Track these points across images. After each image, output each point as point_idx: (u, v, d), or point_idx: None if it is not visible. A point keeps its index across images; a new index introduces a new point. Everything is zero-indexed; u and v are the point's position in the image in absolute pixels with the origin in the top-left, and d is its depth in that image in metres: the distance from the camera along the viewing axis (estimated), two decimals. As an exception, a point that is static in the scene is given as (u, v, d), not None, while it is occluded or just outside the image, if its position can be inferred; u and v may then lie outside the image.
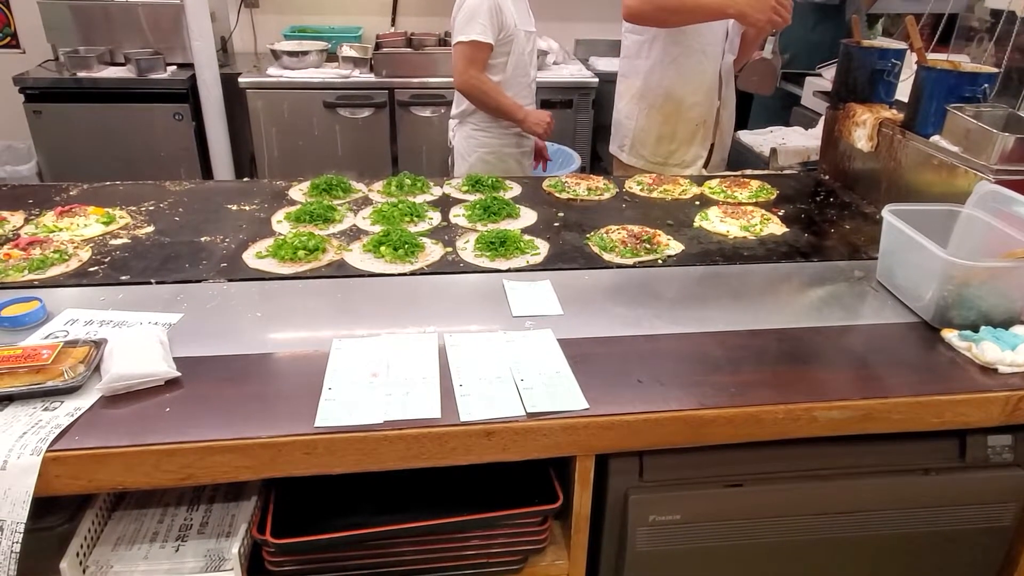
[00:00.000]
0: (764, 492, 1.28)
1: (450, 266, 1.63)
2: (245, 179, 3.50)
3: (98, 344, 1.21)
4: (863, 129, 2.08)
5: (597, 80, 3.84)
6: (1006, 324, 1.37)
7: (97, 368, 1.18)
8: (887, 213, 1.51)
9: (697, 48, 2.44)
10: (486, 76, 2.57)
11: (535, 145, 2.84)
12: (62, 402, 1.11)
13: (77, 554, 1.13)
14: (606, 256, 1.68)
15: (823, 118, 2.40)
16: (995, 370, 1.27)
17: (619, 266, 1.65)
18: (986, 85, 1.81)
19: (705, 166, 2.62)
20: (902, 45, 2.21)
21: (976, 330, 1.35)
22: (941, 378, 1.26)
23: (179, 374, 1.18)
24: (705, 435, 1.17)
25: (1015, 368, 1.27)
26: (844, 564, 1.37)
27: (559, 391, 1.17)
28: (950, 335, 1.36)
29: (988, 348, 1.29)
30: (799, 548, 1.33)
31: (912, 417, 1.22)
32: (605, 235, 1.77)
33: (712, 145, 2.63)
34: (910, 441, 1.29)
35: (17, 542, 1.00)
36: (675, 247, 1.74)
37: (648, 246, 1.71)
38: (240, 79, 3.58)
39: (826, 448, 1.27)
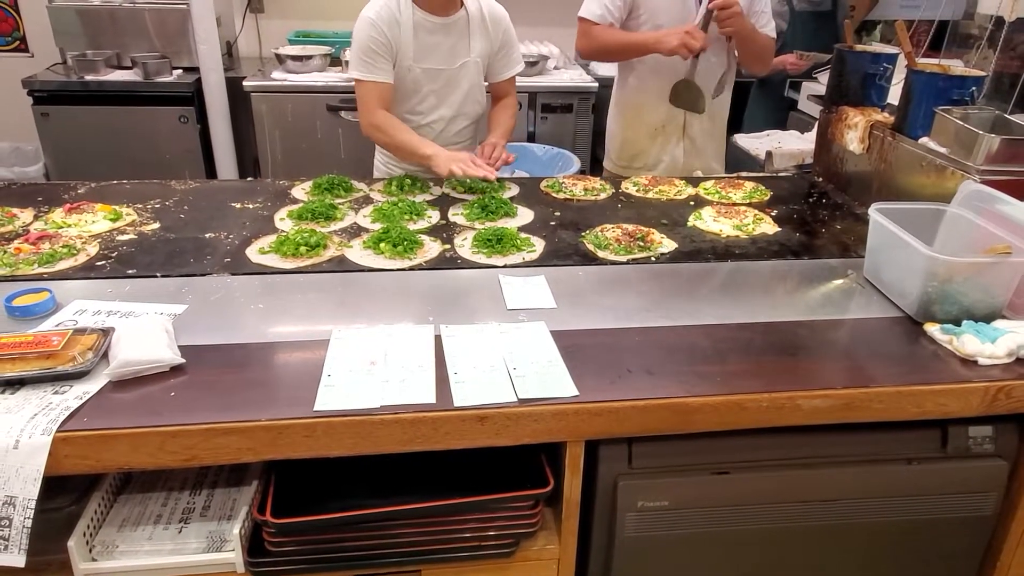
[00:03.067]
0: (750, 480, 1.31)
1: (447, 262, 1.68)
2: (249, 179, 3.55)
3: (106, 332, 1.26)
4: (855, 132, 2.12)
5: (597, 85, 3.88)
6: (987, 318, 1.41)
7: (105, 355, 1.22)
8: (874, 211, 1.55)
9: (648, 60, 2.48)
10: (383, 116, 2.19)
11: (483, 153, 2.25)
12: (71, 386, 1.16)
13: (84, 534, 1.17)
14: (600, 253, 1.72)
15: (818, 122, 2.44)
16: (975, 362, 1.31)
17: (613, 262, 1.69)
18: (974, 88, 1.85)
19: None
20: (894, 49, 2.25)
21: (958, 324, 1.39)
22: (922, 369, 1.30)
23: (184, 361, 1.23)
24: (691, 422, 1.21)
25: (994, 360, 1.31)
26: (829, 551, 1.40)
27: (550, 379, 1.21)
28: (932, 329, 1.39)
29: (969, 341, 1.33)
30: (784, 535, 1.36)
31: (893, 406, 1.26)
32: (600, 233, 1.81)
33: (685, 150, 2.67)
34: (893, 431, 1.32)
35: (29, 517, 1.04)
36: (668, 245, 1.78)
37: (642, 244, 1.75)
38: (245, 83, 3.63)
39: (811, 437, 1.31)
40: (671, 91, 2.44)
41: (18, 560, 1.05)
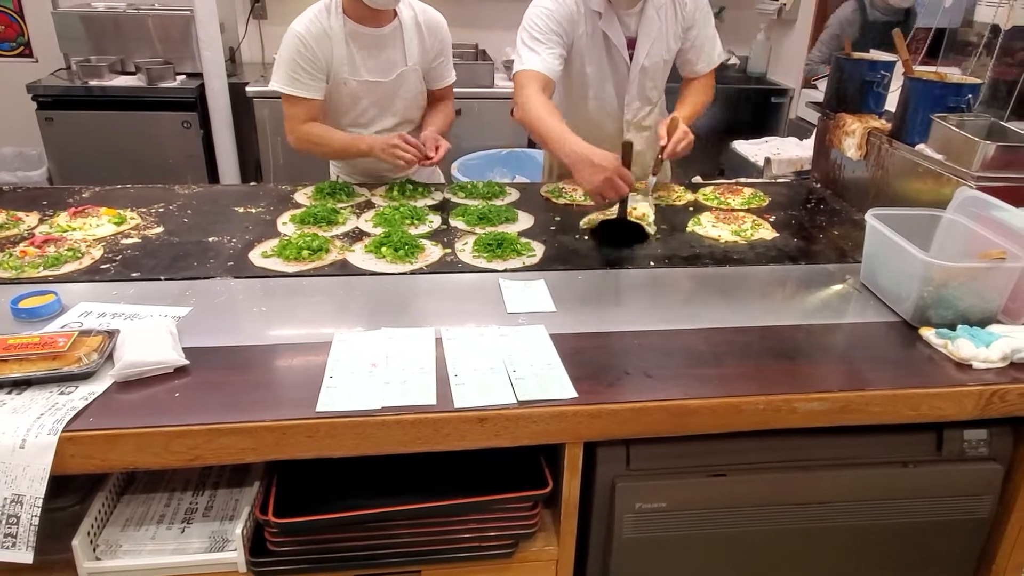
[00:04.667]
0: (747, 482, 1.33)
1: (448, 266, 1.69)
2: (252, 183, 3.57)
3: (111, 334, 1.27)
4: (852, 138, 2.14)
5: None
6: (982, 323, 1.42)
7: (110, 356, 1.24)
8: (870, 217, 1.56)
9: (587, 115, 2.32)
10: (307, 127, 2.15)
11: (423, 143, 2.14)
12: (77, 387, 1.17)
13: (88, 533, 1.19)
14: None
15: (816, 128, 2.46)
16: (970, 366, 1.32)
17: (612, 266, 1.70)
18: (970, 96, 1.87)
19: None
20: (892, 57, 2.27)
21: (953, 329, 1.40)
22: (918, 373, 1.31)
23: (188, 362, 1.24)
24: (688, 424, 1.22)
25: (989, 364, 1.32)
26: (825, 553, 1.42)
27: (549, 381, 1.23)
28: (928, 333, 1.41)
29: (963, 345, 1.34)
30: (781, 537, 1.38)
31: (889, 410, 1.27)
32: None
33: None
34: (889, 434, 1.34)
35: (36, 515, 1.06)
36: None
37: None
38: (248, 88, 3.65)
39: (807, 440, 1.32)
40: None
41: (26, 557, 1.07)
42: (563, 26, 2.12)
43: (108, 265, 1.64)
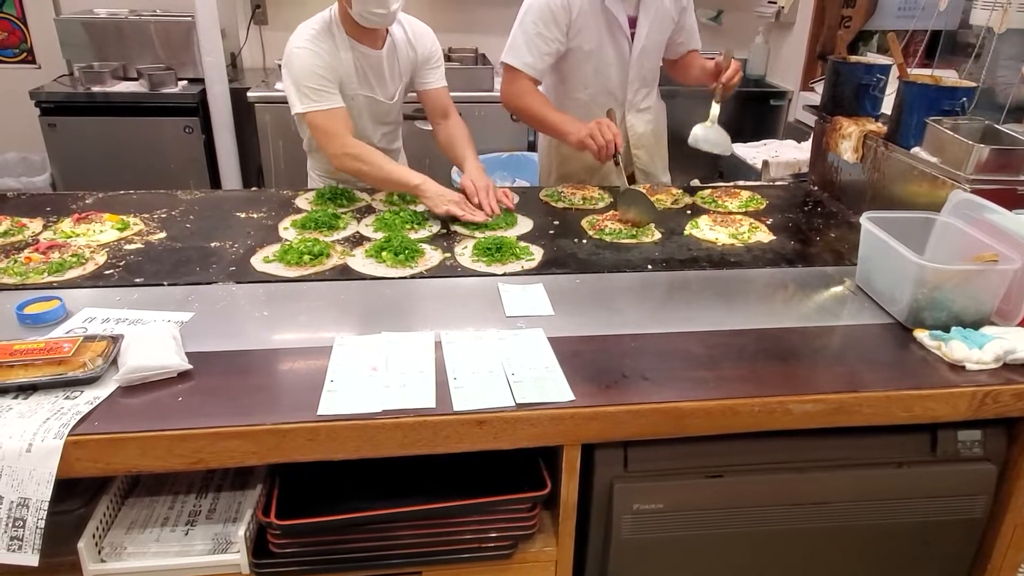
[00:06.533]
0: (743, 483, 1.34)
1: (448, 270, 1.71)
2: (253, 188, 3.59)
3: (115, 339, 1.29)
4: (849, 141, 2.15)
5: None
6: (976, 325, 1.44)
7: (114, 361, 1.26)
8: (865, 220, 1.58)
9: (584, 99, 2.35)
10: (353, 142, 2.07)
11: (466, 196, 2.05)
12: (82, 391, 1.19)
13: (93, 536, 1.20)
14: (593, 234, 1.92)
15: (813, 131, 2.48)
16: (963, 367, 1.34)
17: (611, 270, 1.72)
18: (964, 99, 1.88)
19: None
20: (888, 60, 2.28)
21: (947, 330, 1.42)
22: (911, 374, 1.33)
23: (191, 367, 1.26)
24: (685, 426, 1.24)
25: (982, 366, 1.33)
26: (821, 554, 1.43)
27: (547, 384, 1.25)
28: (922, 335, 1.42)
29: (956, 347, 1.36)
30: (777, 537, 1.39)
31: (883, 411, 1.28)
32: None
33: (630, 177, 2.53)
34: (883, 435, 1.35)
35: (42, 519, 1.07)
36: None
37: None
38: (249, 93, 3.67)
39: (803, 441, 1.33)
40: (618, 202, 2.08)
41: (32, 559, 1.08)
42: (565, 15, 2.16)
43: (112, 271, 1.66)
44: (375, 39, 2.13)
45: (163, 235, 1.87)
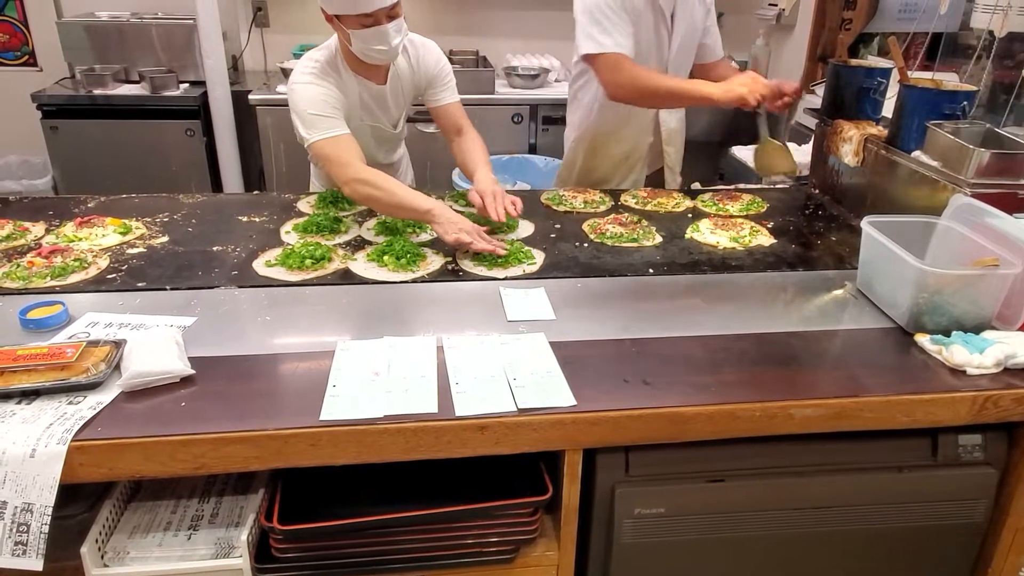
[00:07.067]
0: (744, 487, 1.35)
1: (449, 275, 1.71)
2: (255, 192, 3.59)
3: (118, 344, 1.30)
4: (850, 145, 2.15)
5: (598, 97, 3.93)
6: (977, 329, 1.44)
7: (117, 366, 1.26)
8: (866, 224, 1.58)
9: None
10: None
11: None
12: (85, 397, 1.20)
13: (96, 540, 1.21)
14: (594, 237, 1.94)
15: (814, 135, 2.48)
16: (964, 372, 1.34)
17: (613, 273, 1.72)
18: (965, 102, 1.88)
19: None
20: (889, 63, 2.29)
21: (948, 335, 1.42)
22: (912, 379, 1.33)
23: (193, 372, 1.26)
24: (686, 431, 1.24)
25: (983, 370, 1.34)
26: (822, 558, 1.43)
27: (549, 389, 1.25)
28: (923, 339, 1.43)
29: (957, 351, 1.36)
30: (778, 542, 1.40)
31: (884, 415, 1.29)
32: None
33: (656, 171, 2.65)
34: (884, 440, 1.36)
35: (46, 524, 1.08)
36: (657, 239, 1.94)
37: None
38: (250, 96, 3.68)
39: (804, 446, 1.34)
40: (756, 160, 2.28)
41: (36, 564, 1.09)
42: (629, 2, 2.17)
43: (114, 275, 1.66)
44: (378, 73, 2.10)
45: (165, 239, 1.87)
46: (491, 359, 1.34)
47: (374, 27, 1.89)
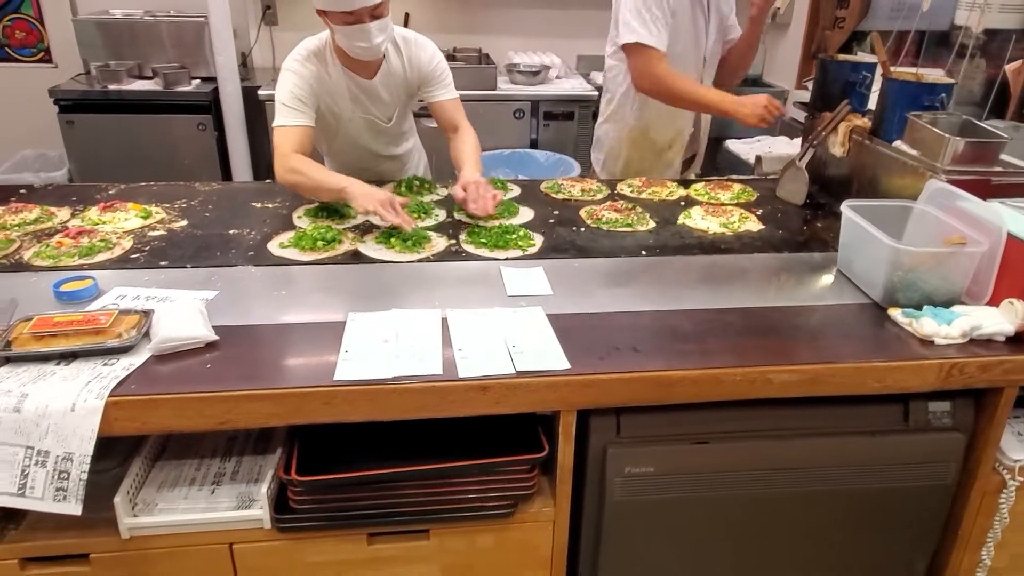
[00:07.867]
0: (727, 449, 1.44)
1: (453, 256, 1.82)
2: (267, 180, 3.70)
3: (147, 313, 1.40)
4: (836, 136, 2.25)
5: (597, 94, 4.02)
6: (947, 304, 1.54)
7: (147, 333, 1.36)
8: (846, 208, 1.68)
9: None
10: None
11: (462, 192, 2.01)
12: (118, 359, 1.30)
13: (128, 493, 1.31)
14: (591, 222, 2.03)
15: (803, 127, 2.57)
16: (932, 342, 1.44)
17: (608, 255, 1.82)
18: (943, 94, 1.98)
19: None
20: (873, 58, 2.38)
21: (919, 309, 1.52)
22: (884, 348, 1.43)
23: (217, 338, 1.37)
24: (672, 393, 1.34)
25: (950, 340, 1.43)
26: (800, 516, 1.53)
27: (546, 354, 1.35)
28: (895, 313, 1.52)
29: (927, 323, 1.46)
30: (758, 500, 1.49)
31: (856, 381, 1.39)
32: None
33: (689, 157, 2.79)
34: (859, 406, 1.45)
35: (84, 471, 1.18)
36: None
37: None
38: (260, 92, 3.78)
39: (783, 411, 1.44)
40: (780, 183, 2.33)
41: (75, 509, 1.19)
42: None
43: (138, 255, 1.77)
44: (366, 68, 2.15)
45: (184, 223, 1.98)
46: (492, 329, 1.44)
47: (357, 25, 1.96)
